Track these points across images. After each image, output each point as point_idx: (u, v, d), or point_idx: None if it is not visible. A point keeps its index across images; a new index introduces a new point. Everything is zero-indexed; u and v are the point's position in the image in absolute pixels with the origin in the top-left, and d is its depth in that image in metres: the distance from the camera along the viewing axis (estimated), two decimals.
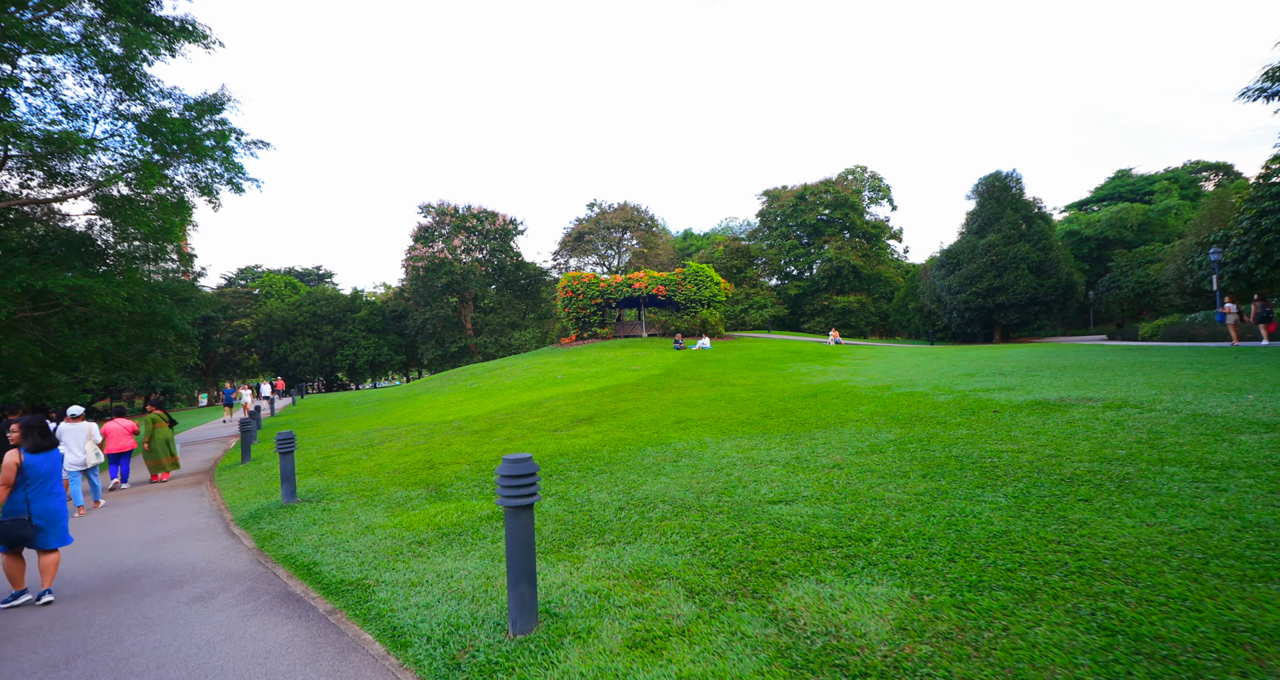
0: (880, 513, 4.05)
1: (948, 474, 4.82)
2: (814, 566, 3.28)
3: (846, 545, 3.53)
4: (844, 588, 2.94)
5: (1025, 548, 3.12)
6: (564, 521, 4.91)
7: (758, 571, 3.31)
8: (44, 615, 4.23)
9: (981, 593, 2.67)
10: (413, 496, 6.61)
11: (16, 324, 12.79)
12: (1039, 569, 2.84)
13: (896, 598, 2.73)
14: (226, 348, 51.32)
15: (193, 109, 14.11)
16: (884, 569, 3.10)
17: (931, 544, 3.36)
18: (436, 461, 8.66)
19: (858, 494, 4.58)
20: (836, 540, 3.63)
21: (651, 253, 47.19)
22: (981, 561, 3.02)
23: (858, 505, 4.29)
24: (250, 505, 7.30)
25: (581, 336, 30.41)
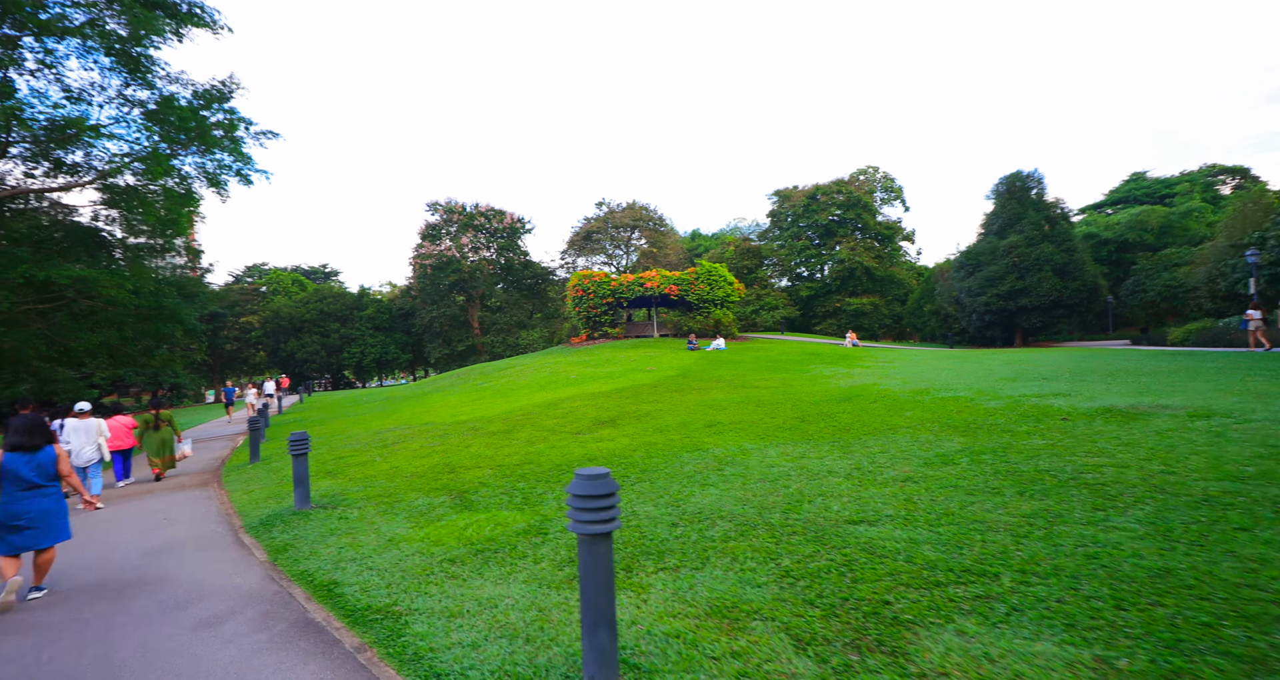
0: (991, 539, 3.51)
1: (1049, 492, 4.27)
2: (942, 610, 2.73)
3: (970, 581, 2.98)
4: (996, 642, 2.39)
5: (1209, 593, 2.57)
6: (616, 543, 4.37)
7: (873, 614, 2.77)
8: (31, 637, 3.73)
9: (1191, 658, 2.12)
10: (436, 504, 6.10)
11: (19, 316, 12.35)
12: (1248, 624, 2.29)
13: (1077, 660, 2.19)
14: (234, 344, 51.03)
15: (201, 97, 13.67)
16: (1036, 616, 2.56)
17: (1079, 583, 2.81)
18: (456, 465, 8.17)
19: (951, 514, 4.03)
20: (954, 574, 3.09)
21: (660, 252, 46.66)
22: (1161, 611, 2.47)
23: (958, 529, 3.75)
24: (261, 510, 6.80)
25: (592, 336, 29.90)
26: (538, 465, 7.49)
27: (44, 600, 4.48)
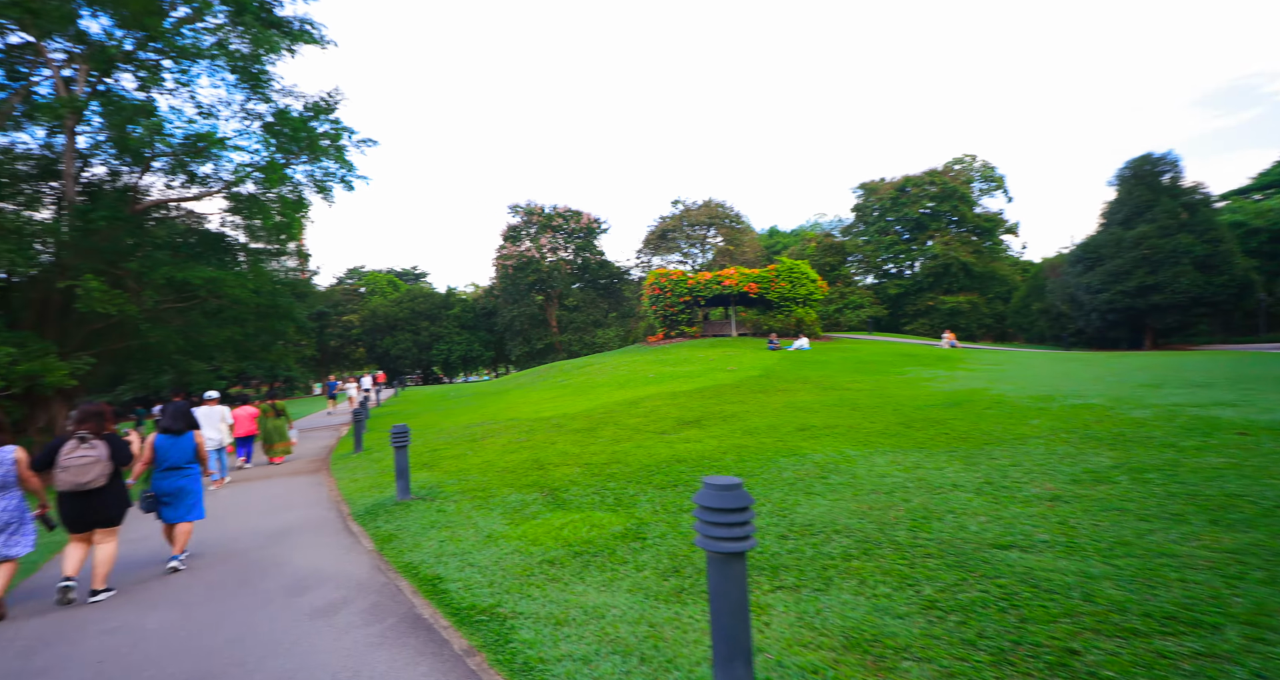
0: (1192, 579, 2.90)
1: (1254, 523, 3.53)
2: (1155, 669, 2.23)
3: (1180, 633, 2.44)
4: None
5: None
6: None
7: (1059, 666, 2.31)
8: (175, 612, 3.98)
9: None
10: (529, 501, 6.06)
11: (162, 314, 13.79)
12: None
13: None
14: (337, 341, 55.33)
15: (310, 109, 14.70)
16: None
17: None
18: (544, 461, 8.18)
19: (1127, 544, 3.41)
20: (1154, 621, 2.55)
21: (737, 250, 45.71)
22: None
23: (1141, 563, 3.15)
24: (366, 499, 7.09)
25: (669, 335, 29.68)
26: (626, 465, 7.34)
27: (187, 576, 4.80)
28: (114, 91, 13.24)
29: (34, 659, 3.42)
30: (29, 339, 11.09)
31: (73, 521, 4.36)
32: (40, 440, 13.57)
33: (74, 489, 4.23)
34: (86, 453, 4.27)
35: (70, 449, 4.28)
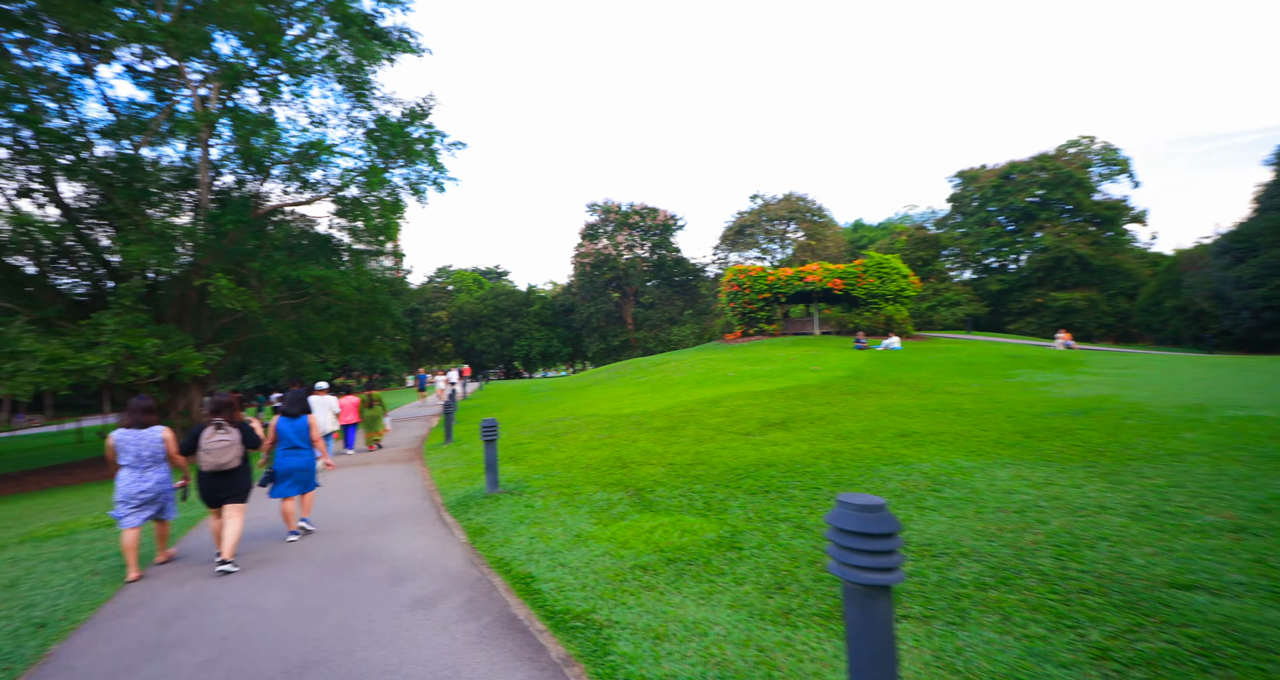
0: None
1: None
2: None
3: None
4: None
5: None
6: (825, 569, 3.72)
7: None
8: (288, 592, 4.17)
9: None
10: (615, 501, 5.95)
11: (279, 310, 15.03)
12: None
13: None
14: (428, 336, 58.70)
15: (407, 115, 15.46)
16: None
17: None
18: (627, 460, 8.07)
19: None
20: None
21: (819, 245, 43.86)
22: None
23: None
24: (457, 490, 7.27)
25: (747, 333, 28.95)
26: (711, 466, 7.07)
27: (297, 558, 5.06)
28: (240, 107, 14.56)
29: (170, 630, 3.67)
30: (171, 332, 12.42)
31: (209, 496, 4.91)
32: (180, 423, 15.24)
33: (214, 469, 4.81)
34: (224, 438, 4.82)
35: (210, 434, 4.82)
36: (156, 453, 4.92)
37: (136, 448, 4.85)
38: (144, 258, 11.21)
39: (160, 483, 4.93)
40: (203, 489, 4.90)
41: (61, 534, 6.60)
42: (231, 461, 4.84)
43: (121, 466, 4.86)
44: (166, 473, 5.03)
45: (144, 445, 4.87)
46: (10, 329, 10.14)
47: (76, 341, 10.62)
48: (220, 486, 4.88)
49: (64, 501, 9.54)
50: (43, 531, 6.81)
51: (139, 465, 4.86)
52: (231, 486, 4.91)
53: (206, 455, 4.76)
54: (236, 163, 16.50)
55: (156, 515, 4.97)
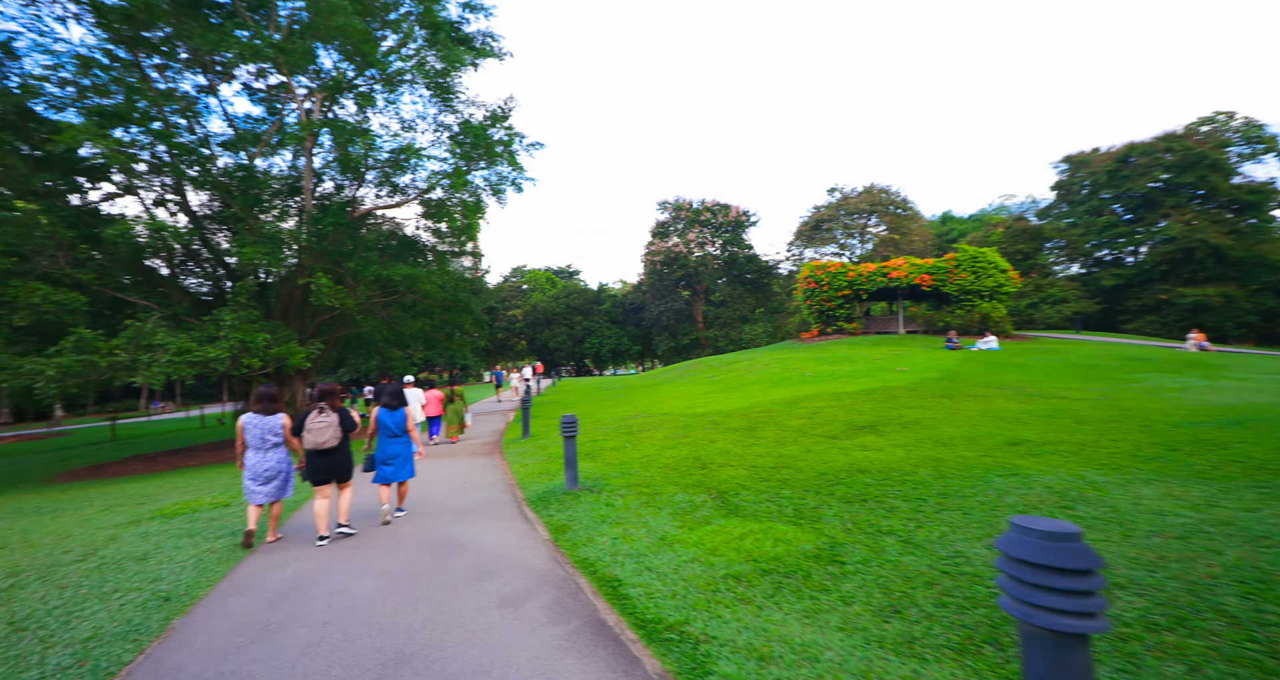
0: None
1: None
2: None
3: None
4: None
5: None
6: (947, 592, 3.30)
7: None
8: (381, 581, 4.25)
9: None
10: (697, 503, 5.70)
11: (371, 307, 15.91)
12: None
13: None
14: (503, 334, 60.92)
15: (489, 118, 15.87)
16: None
17: None
18: (706, 460, 7.80)
19: None
20: None
21: (903, 239, 41.42)
22: None
23: None
24: (536, 485, 7.28)
25: (825, 331, 27.77)
26: (797, 471, 6.67)
27: (389, 547, 5.19)
28: (338, 118, 15.55)
29: (275, 612, 3.81)
30: (279, 327, 13.41)
31: (314, 474, 5.45)
32: (288, 411, 16.52)
33: (315, 448, 5.38)
34: (323, 420, 5.39)
35: (313, 417, 5.39)
36: (277, 436, 5.53)
37: (260, 431, 5.47)
38: (256, 259, 12.14)
39: (280, 462, 5.54)
40: (310, 467, 5.45)
41: (185, 511, 7.19)
42: (329, 440, 5.36)
43: (248, 448, 5.49)
44: (285, 454, 5.63)
45: (266, 429, 5.49)
46: (147, 324, 11.27)
47: (200, 336, 11.66)
48: (324, 466, 5.43)
49: (189, 481, 10.49)
50: (170, 509, 7.45)
51: (262, 447, 5.48)
52: (333, 466, 5.47)
53: (309, 434, 5.33)
54: (335, 170, 17.65)
55: (276, 493, 5.55)
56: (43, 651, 3.38)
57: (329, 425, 5.38)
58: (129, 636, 3.53)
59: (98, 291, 12.56)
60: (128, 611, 3.93)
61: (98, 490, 10.61)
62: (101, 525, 6.72)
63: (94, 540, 5.96)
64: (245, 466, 5.46)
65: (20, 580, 4.72)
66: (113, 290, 12.74)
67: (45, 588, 4.52)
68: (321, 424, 5.35)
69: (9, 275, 10.68)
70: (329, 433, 5.37)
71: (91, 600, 4.17)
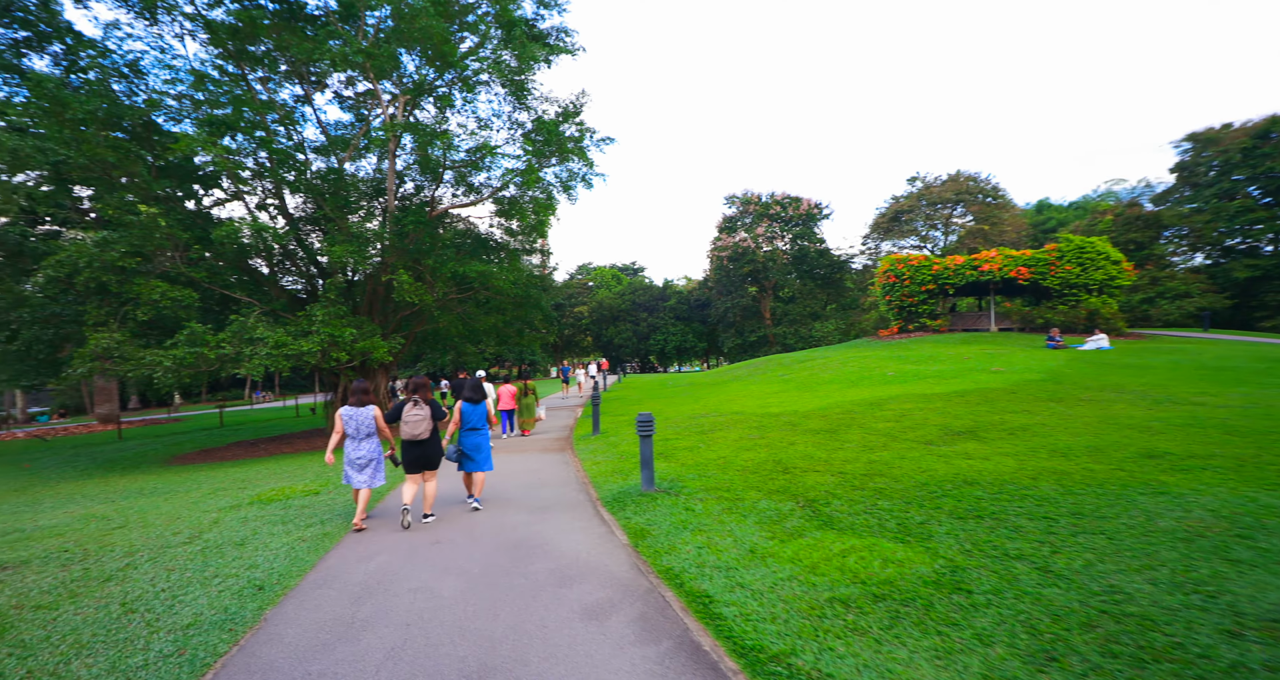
0: None
1: None
2: None
3: None
4: None
5: None
6: (1113, 638, 2.75)
7: None
8: (462, 581, 4.15)
9: None
10: (785, 512, 5.28)
11: (448, 303, 16.37)
12: None
13: None
14: (569, 330, 61.95)
15: (561, 114, 15.88)
16: None
17: None
18: (788, 464, 7.33)
19: None
20: None
21: (994, 229, 38.41)
22: None
23: None
24: (611, 485, 7.09)
25: (906, 329, 26.18)
26: (893, 480, 6.09)
27: (467, 544, 5.13)
28: (419, 122, 16.09)
29: (360, 607, 3.77)
30: (364, 323, 14.03)
31: (409, 463, 5.86)
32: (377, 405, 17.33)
33: (410, 438, 5.76)
34: (419, 412, 5.75)
35: (409, 409, 5.75)
36: (370, 426, 5.93)
37: (355, 422, 5.87)
38: (344, 257, 12.72)
39: (372, 450, 5.92)
40: (405, 456, 5.85)
41: (280, 498, 7.54)
42: (424, 433, 5.77)
43: (346, 437, 5.92)
44: (377, 443, 6.02)
45: (360, 420, 5.88)
46: (249, 319, 12.04)
47: (295, 330, 12.35)
48: (418, 454, 5.84)
49: (284, 467, 11.13)
50: (267, 494, 7.84)
51: (357, 436, 5.89)
52: (426, 455, 5.87)
53: (405, 425, 5.71)
54: (415, 171, 18.35)
55: (370, 480, 5.89)
56: (148, 636, 3.48)
57: (424, 418, 5.75)
58: (225, 626, 3.58)
59: (208, 288, 13.59)
60: (225, 599, 4.02)
61: (206, 474, 11.47)
62: (207, 509, 7.14)
63: (200, 523, 6.31)
64: (344, 454, 5.91)
65: (134, 561, 5.01)
66: (221, 288, 13.75)
67: (155, 569, 4.76)
68: (417, 416, 5.73)
69: (134, 274, 11.70)
70: (424, 425, 5.74)
71: (194, 585, 4.33)
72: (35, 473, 13.55)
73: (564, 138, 15.81)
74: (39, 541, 5.90)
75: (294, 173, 14.45)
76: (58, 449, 18.44)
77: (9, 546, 5.80)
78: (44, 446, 19.54)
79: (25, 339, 12.33)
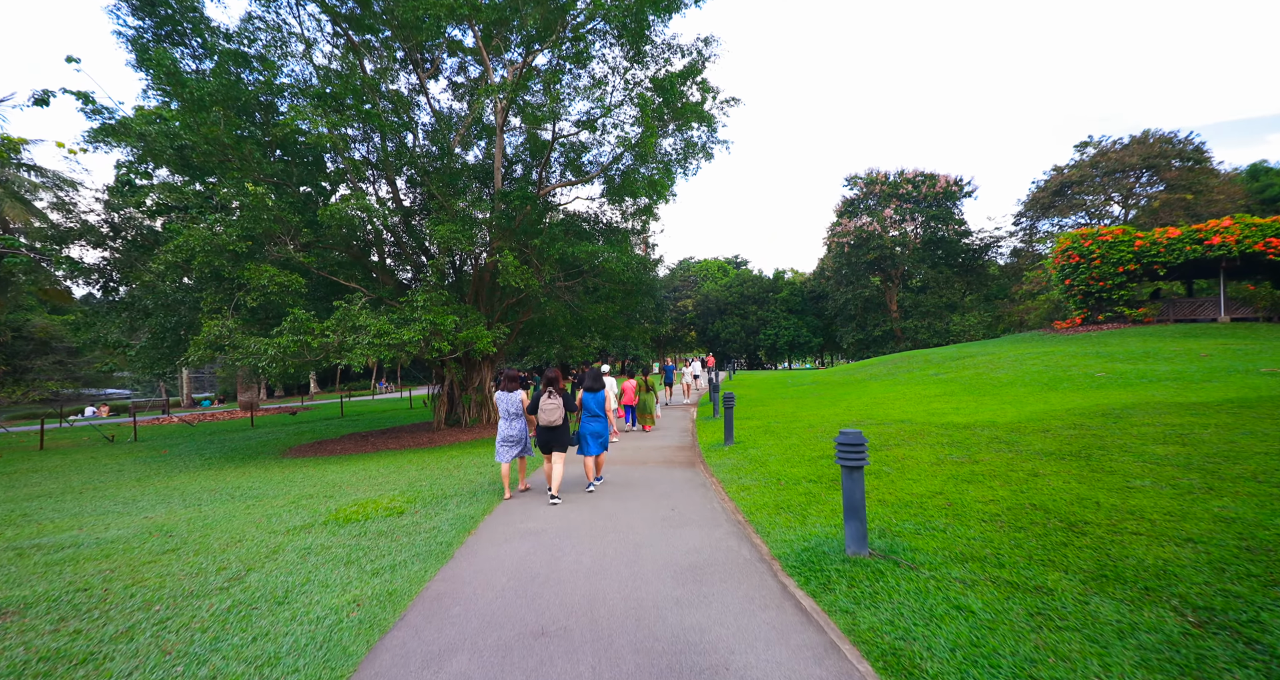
0: None
1: None
2: None
3: None
4: None
5: None
6: None
7: None
8: None
9: None
10: (1173, 637, 2.77)
11: (555, 290, 14.94)
12: None
13: None
14: (672, 325, 60.10)
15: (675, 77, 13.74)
16: None
17: None
18: (1055, 510, 4.77)
19: None
20: None
21: (1200, 198, 30.99)
22: None
23: None
24: (785, 532, 4.86)
25: (1094, 319, 21.27)
26: None
27: (590, 652, 3.18)
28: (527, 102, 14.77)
29: None
30: (469, 311, 12.91)
31: (544, 445, 6.54)
32: (475, 398, 16.42)
33: (547, 425, 6.44)
34: (553, 402, 6.42)
35: (545, 400, 6.42)
36: (517, 409, 6.77)
37: (506, 404, 6.78)
38: (448, 237, 11.58)
39: (520, 430, 6.78)
40: (540, 439, 6.54)
41: (357, 518, 6.16)
42: (557, 420, 6.43)
43: (500, 418, 6.79)
44: (524, 423, 6.83)
45: (510, 403, 6.78)
46: (354, 306, 11.22)
47: (397, 318, 11.39)
48: (551, 438, 6.51)
49: (381, 469, 10.12)
50: (346, 510, 6.53)
51: (508, 416, 6.76)
52: (557, 439, 6.52)
53: (543, 414, 6.40)
54: (525, 152, 17.22)
55: (520, 453, 6.78)
56: None
57: (557, 407, 6.44)
58: None
59: (317, 274, 13.11)
60: None
61: (310, 470, 10.77)
62: (276, 528, 5.89)
63: (256, 553, 4.97)
64: (498, 432, 6.77)
65: (141, 622, 3.60)
66: (328, 273, 13.23)
67: (151, 644, 3.29)
68: (552, 405, 6.42)
69: (244, 258, 11.27)
70: (557, 413, 6.43)
71: None
72: (169, 459, 13.91)
73: (685, 102, 13.70)
74: (75, 567, 4.83)
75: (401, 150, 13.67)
76: (199, 434, 19.61)
77: (42, 571, 4.77)
78: (190, 431, 20.97)
79: (152, 325, 12.43)
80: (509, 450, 6.66)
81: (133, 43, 11.61)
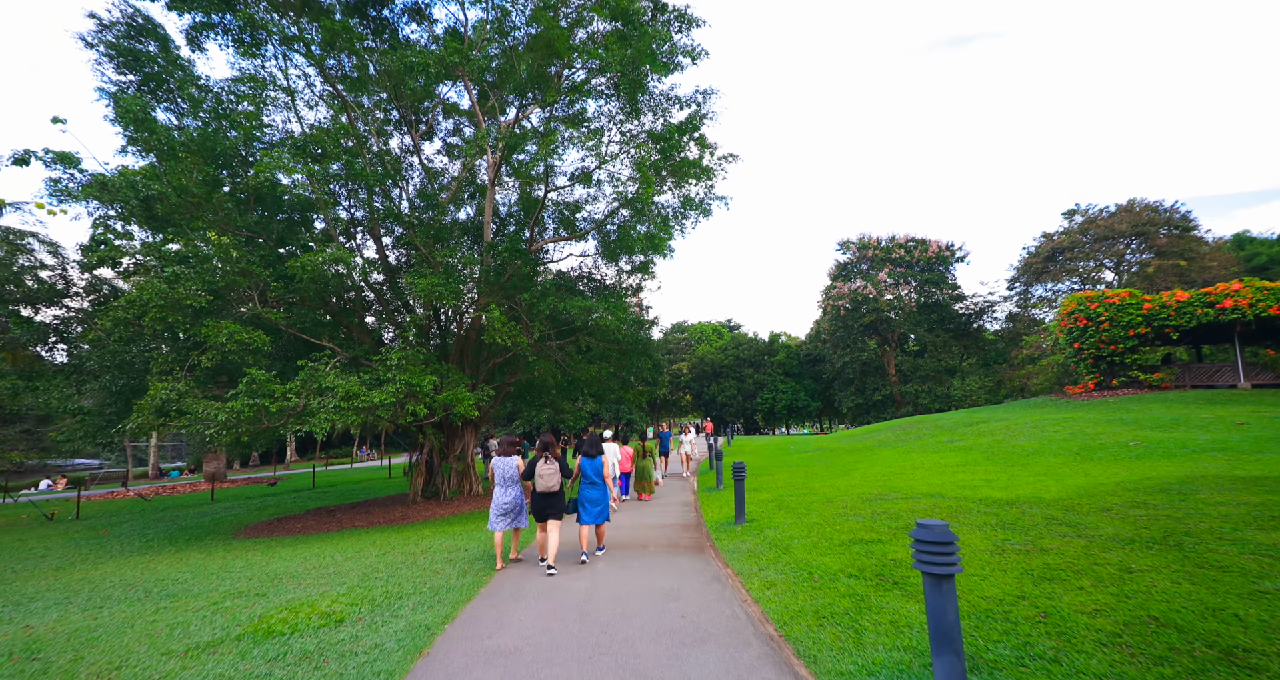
0: None
1: None
2: None
3: None
4: None
5: None
6: None
7: None
8: None
9: None
10: None
11: (545, 349, 13.98)
12: None
13: None
14: (666, 389, 58.82)
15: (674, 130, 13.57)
16: None
17: None
18: (1188, 628, 3.68)
19: None
20: None
21: (1192, 265, 31.22)
22: None
23: None
24: (841, 663, 3.64)
25: (1108, 384, 20.46)
26: None
27: None
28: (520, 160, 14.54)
29: None
30: (451, 371, 11.89)
31: (539, 513, 6.39)
32: (457, 467, 15.03)
33: (544, 490, 6.38)
34: (550, 467, 6.38)
35: (541, 465, 6.35)
36: (514, 475, 6.68)
37: (502, 471, 6.66)
38: (431, 291, 10.76)
39: (516, 498, 6.67)
40: (535, 506, 6.37)
41: (281, 631, 4.86)
42: (555, 486, 6.36)
43: (496, 485, 6.66)
44: (520, 491, 6.72)
45: (507, 468, 6.68)
46: (322, 366, 10.19)
47: (369, 378, 10.34)
48: (547, 505, 6.35)
49: (334, 555, 8.73)
50: (273, 618, 5.22)
51: (504, 483, 6.66)
52: (554, 506, 6.37)
53: (540, 479, 6.31)
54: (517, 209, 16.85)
55: (514, 522, 6.63)
56: None
57: (555, 472, 6.30)
58: None
59: (287, 332, 12.14)
60: None
61: (256, 555, 9.30)
62: (173, 647, 4.57)
63: None
64: (493, 500, 6.61)
65: None
66: (300, 331, 12.27)
67: None
68: (549, 470, 6.29)
69: (204, 314, 10.32)
70: (555, 478, 6.30)
71: None
72: (107, 541, 12.28)
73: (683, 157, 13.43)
74: None
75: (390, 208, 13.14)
76: (152, 510, 17.83)
77: None
78: (142, 507, 19.14)
79: (96, 389, 11.25)
80: (504, 520, 6.58)
81: (114, 98, 11.24)
